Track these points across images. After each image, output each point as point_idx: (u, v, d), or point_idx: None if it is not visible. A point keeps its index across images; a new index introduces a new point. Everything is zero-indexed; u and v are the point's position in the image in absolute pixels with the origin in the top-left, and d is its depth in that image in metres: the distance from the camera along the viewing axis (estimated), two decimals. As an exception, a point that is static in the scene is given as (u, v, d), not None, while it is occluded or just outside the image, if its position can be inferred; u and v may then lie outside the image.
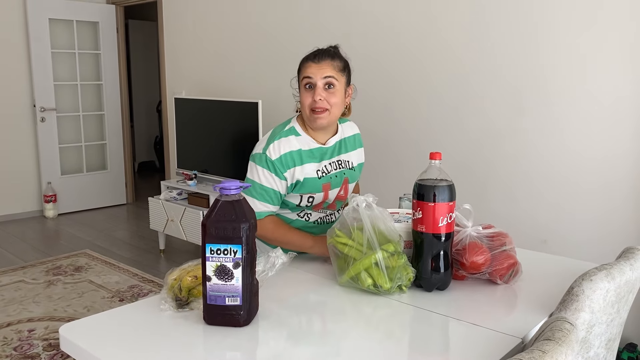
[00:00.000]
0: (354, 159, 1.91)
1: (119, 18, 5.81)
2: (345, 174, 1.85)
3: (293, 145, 1.74)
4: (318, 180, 1.77)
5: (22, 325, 3.08)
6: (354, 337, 1.24)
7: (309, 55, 1.75)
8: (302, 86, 1.73)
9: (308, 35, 3.87)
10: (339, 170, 1.84)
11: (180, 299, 1.34)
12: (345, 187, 1.87)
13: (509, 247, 1.52)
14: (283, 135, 1.75)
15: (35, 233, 4.98)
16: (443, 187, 1.43)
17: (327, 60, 1.72)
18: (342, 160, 1.85)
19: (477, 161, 3.12)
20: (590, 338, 1.28)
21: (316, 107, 1.69)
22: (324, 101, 1.69)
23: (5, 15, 5.17)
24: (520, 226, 2.96)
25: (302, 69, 1.74)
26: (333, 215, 1.91)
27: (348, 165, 1.87)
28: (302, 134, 1.78)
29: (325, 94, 1.70)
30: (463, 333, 1.26)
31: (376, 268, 1.41)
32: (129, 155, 6.16)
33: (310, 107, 1.70)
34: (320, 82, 1.69)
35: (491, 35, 2.99)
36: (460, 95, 3.15)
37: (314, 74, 1.70)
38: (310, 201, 1.79)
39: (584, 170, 2.75)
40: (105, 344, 1.18)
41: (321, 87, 1.69)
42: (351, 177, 1.88)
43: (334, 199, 1.85)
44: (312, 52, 1.76)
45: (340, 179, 1.84)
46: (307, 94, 1.71)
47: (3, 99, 5.25)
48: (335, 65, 1.72)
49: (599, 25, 2.63)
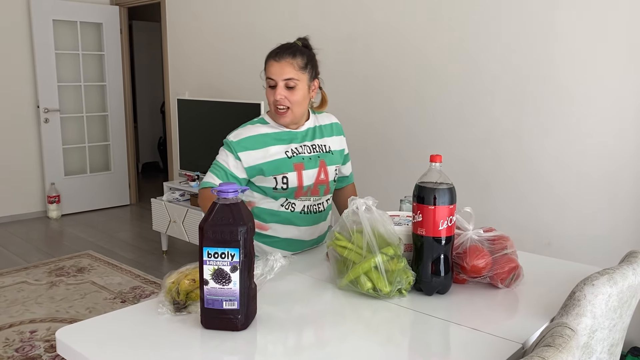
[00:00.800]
0: (331, 144, 1.93)
1: (122, 19, 5.82)
2: (320, 157, 1.87)
3: (258, 130, 1.82)
4: (288, 159, 1.80)
5: (24, 326, 3.08)
6: (353, 341, 1.22)
7: (271, 52, 1.80)
8: (267, 85, 1.80)
9: (311, 37, 3.85)
10: (313, 153, 1.86)
11: (178, 303, 1.33)
12: (325, 170, 1.87)
13: (510, 250, 1.51)
14: (250, 123, 1.86)
15: (38, 234, 4.99)
16: (443, 190, 1.41)
17: (287, 59, 1.76)
18: (316, 145, 1.89)
19: (482, 162, 3.10)
20: (592, 343, 1.27)
21: (278, 105, 1.78)
22: (285, 100, 1.77)
23: (9, 17, 5.19)
24: (525, 228, 2.94)
25: (266, 67, 1.80)
26: (321, 205, 1.90)
27: (324, 149, 1.90)
28: (270, 122, 1.86)
29: (286, 92, 1.77)
30: (463, 338, 1.24)
31: (375, 271, 1.40)
32: (133, 156, 6.17)
33: (274, 105, 1.79)
34: (281, 83, 1.76)
35: (497, 34, 2.97)
36: (466, 96, 3.14)
37: (275, 75, 1.76)
38: (285, 182, 1.80)
39: (590, 172, 2.72)
40: (101, 347, 1.18)
41: (282, 87, 1.76)
42: (328, 160, 1.89)
43: (314, 184, 1.85)
44: (275, 48, 1.80)
45: (315, 161, 1.85)
46: (270, 92, 1.79)
47: (7, 100, 5.26)
48: (295, 64, 1.76)
49: (606, 25, 2.61)
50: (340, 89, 3.71)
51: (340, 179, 2.08)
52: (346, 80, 3.68)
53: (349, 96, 3.68)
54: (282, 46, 1.80)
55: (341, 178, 2.08)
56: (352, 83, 3.65)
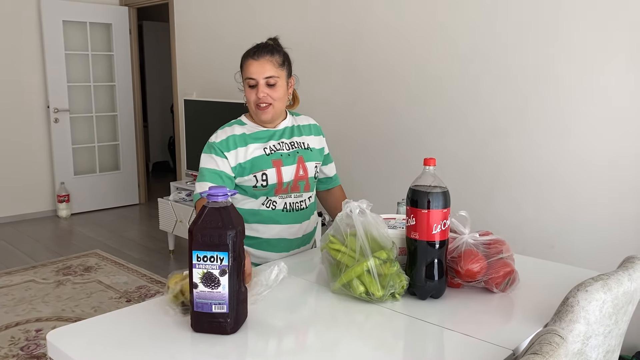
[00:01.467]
0: (310, 142, 1.94)
1: (131, 19, 5.86)
2: (299, 152, 1.88)
3: (236, 130, 1.84)
4: (266, 156, 1.82)
5: (30, 325, 3.11)
6: (345, 346, 1.22)
7: (248, 52, 1.82)
8: (246, 85, 1.81)
9: (316, 37, 3.85)
10: (291, 150, 1.87)
11: (186, 305, 1.33)
12: (303, 166, 1.88)
13: (506, 254, 1.49)
14: (227, 125, 1.89)
15: (48, 233, 5.04)
16: (437, 194, 1.40)
17: (266, 57, 1.78)
18: (294, 142, 1.90)
19: (484, 164, 3.08)
20: (587, 350, 1.25)
21: (260, 103, 1.79)
22: (267, 97, 1.78)
23: (19, 18, 5.24)
24: (527, 231, 2.91)
25: (244, 68, 1.81)
26: (303, 203, 1.90)
27: (302, 145, 1.91)
28: (247, 123, 1.88)
29: (267, 90, 1.79)
30: (454, 343, 1.23)
31: (368, 275, 1.39)
32: (142, 155, 6.21)
33: (255, 103, 1.80)
34: (262, 81, 1.78)
35: (499, 34, 2.95)
36: (467, 97, 3.11)
37: (255, 74, 1.78)
38: (265, 179, 1.80)
39: (593, 174, 2.69)
40: (90, 350, 1.18)
41: (263, 85, 1.78)
42: (307, 156, 1.90)
43: (294, 180, 1.85)
44: (252, 48, 1.82)
45: (294, 157, 1.86)
46: (250, 92, 1.80)
47: (17, 100, 5.32)
48: (274, 62, 1.79)
49: (609, 26, 2.57)
50: (339, 89, 3.70)
51: (325, 180, 2.09)
52: (346, 80, 3.67)
53: (348, 97, 3.67)
54: (257, 46, 1.83)
55: (326, 179, 2.09)
56: (352, 83, 3.64)
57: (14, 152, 5.34)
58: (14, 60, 5.25)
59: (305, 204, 1.92)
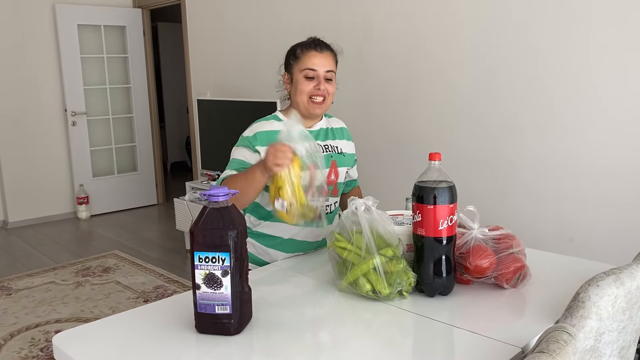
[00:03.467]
0: (343, 146, 1.92)
1: (145, 21, 5.90)
2: (332, 157, 1.86)
3: (273, 126, 1.77)
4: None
5: (49, 326, 3.15)
6: (352, 345, 1.20)
7: (308, 44, 1.78)
8: (302, 76, 1.76)
9: (326, 36, 3.82)
10: (325, 153, 1.84)
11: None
12: (335, 171, 1.85)
13: (516, 249, 1.45)
14: (264, 119, 1.82)
15: (68, 235, 5.11)
16: (443, 189, 1.37)
17: (328, 52, 1.78)
18: (328, 145, 1.87)
19: (500, 158, 3.02)
20: (600, 346, 1.21)
21: (317, 95, 1.75)
22: (325, 90, 1.76)
23: (35, 24, 5.31)
24: (546, 224, 2.86)
25: (304, 58, 1.76)
26: (329, 207, 1.87)
27: (336, 150, 1.88)
28: (284, 119, 1.79)
29: (326, 84, 1.76)
30: (462, 341, 1.21)
31: (375, 273, 1.37)
32: (159, 156, 6.25)
33: (309, 94, 1.75)
34: (322, 74, 1.75)
35: (514, 30, 2.89)
36: (482, 92, 3.06)
37: (318, 66, 1.75)
38: None
39: (613, 165, 2.62)
40: (95, 353, 1.18)
41: (322, 78, 1.75)
42: (339, 161, 1.87)
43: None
44: (312, 41, 1.79)
45: (327, 160, 1.83)
46: (308, 83, 1.75)
47: (36, 105, 5.39)
48: (333, 57, 1.80)
49: (627, 23, 2.50)
50: (353, 86, 3.67)
51: (349, 182, 2.05)
52: (359, 78, 3.64)
53: (361, 94, 3.64)
54: (316, 39, 1.80)
55: (349, 181, 2.05)
56: (366, 81, 3.61)
57: (34, 156, 5.42)
58: (31, 66, 5.33)
59: (330, 209, 1.88)
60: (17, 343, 2.96)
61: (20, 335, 3.05)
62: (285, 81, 1.84)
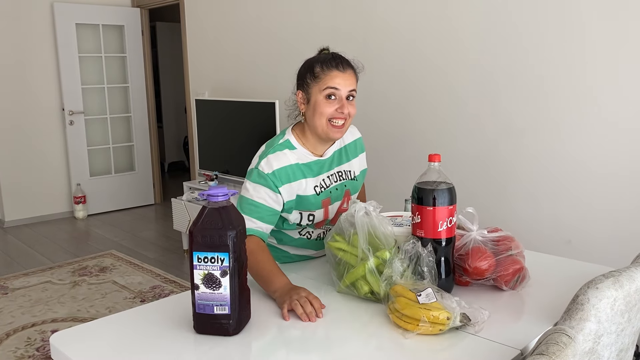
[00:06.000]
0: (356, 167, 1.80)
1: (143, 21, 5.89)
2: (346, 185, 1.74)
3: (289, 159, 1.62)
4: (317, 196, 1.66)
5: (46, 325, 3.14)
6: (349, 346, 1.20)
7: (329, 61, 1.61)
8: (323, 97, 1.59)
9: (325, 37, 3.83)
10: (339, 182, 1.72)
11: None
12: (348, 200, 1.76)
13: (515, 251, 1.45)
14: (278, 149, 1.63)
15: (65, 234, 5.10)
16: (442, 191, 1.37)
17: (350, 70, 1.62)
18: (342, 171, 1.75)
19: (497, 160, 3.03)
20: (599, 349, 1.21)
21: (338, 118, 1.59)
22: (347, 113, 1.61)
23: (34, 23, 5.30)
24: (544, 226, 2.86)
25: (325, 78, 1.59)
26: None
27: (349, 175, 1.77)
28: (297, 147, 1.66)
29: (348, 106, 1.61)
30: (460, 342, 1.20)
31: (372, 275, 1.37)
32: (156, 156, 6.24)
33: (329, 117, 1.59)
34: (345, 94, 1.60)
35: (511, 33, 2.89)
36: (479, 94, 3.06)
37: (341, 85, 1.59)
38: (311, 219, 1.68)
39: (610, 168, 2.63)
40: (93, 353, 1.18)
41: (344, 98, 1.60)
42: (353, 188, 1.77)
43: (336, 213, 1.73)
44: (332, 57, 1.62)
45: (341, 191, 1.73)
46: (328, 104, 1.59)
47: (33, 104, 5.38)
48: (354, 77, 1.64)
49: (627, 28, 2.51)
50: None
51: None
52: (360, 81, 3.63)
53: (361, 94, 3.64)
54: (337, 55, 1.64)
55: None
56: (366, 83, 3.61)
57: (31, 155, 5.41)
58: (29, 65, 5.31)
59: None
60: (13, 342, 2.94)
61: (16, 334, 3.04)
62: (299, 101, 1.66)
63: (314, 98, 1.60)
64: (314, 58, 1.65)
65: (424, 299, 1.24)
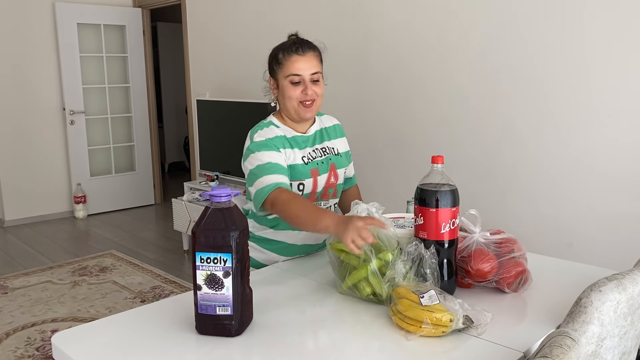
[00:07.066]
0: (338, 146, 1.89)
1: (145, 21, 5.89)
2: (331, 159, 1.83)
3: (276, 132, 1.73)
4: (305, 165, 1.74)
5: (45, 325, 3.13)
6: (351, 348, 1.19)
7: (289, 48, 1.69)
8: (287, 82, 1.69)
9: (328, 37, 3.83)
10: (324, 156, 1.81)
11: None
12: (335, 174, 1.84)
13: (517, 254, 1.45)
14: (265, 126, 1.75)
15: (65, 234, 5.09)
16: (445, 192, 1.37)
17: (310, 52, 1.70)
18: (326, 147, 1.84)
19: (499, 162, 3.03)
20: (602, 352, 1.21)
21: (307, 100, 1.69)
22: (314, 94, 1.70)
23: (35, 22, 5.30)
24: (545, 229, 2.86)
25: (287, 64, 1.68)
26: (329, 209, 1.83)
27: (333, 151, 1.86)
28: (280, 126, 1.76)
29: (313, 86, 1.70)
30: (463, 345, 1.20)
31: (375, 277, 1.37)
32: (157, 156, 6.24)
33: (299, 100, 1.69)
34: (309, 77, 1.69)
35: (513, 32, 2.89)
36: (482, 95, 3.06)
37: (302, 70, 1.68)
38: (301, 189, 1.74)
39: (612, 171, 2.63)
40: (95, 353, 1.17)
41: (309, 81, 1.69)
42: (338, 163, 1.85)
43: (324, 187, 1.80)
44: (291, 43, 1.70)
45: (327, 164, 1.81)
46: (294, 89, 1.69)
47: (34, 103, 5.38)
48: (317, 57, 1.72)
49: (630, 29, 2.51)
50: (355, 88, 3.67)
51: (345, 180, 2.02)
52: (360, 79, 3.64)
53: (362, 95, 3.64)
54: (297, 40, 1.72)
55: (346, 180, 2.02)
56: (367, 82, 3.61)
57: (31, 155, 5.40)
58: (30, 64, 5.31)
59: (333, 209, 1.87)
60: (13, 342, 2.94)
61: (16, 334, 3.03)
62: (272, 86, 1.77)
63: (281, 84, 1.71)
64: (278, 45, 1.75)
65: (427, 300, 1.24)
